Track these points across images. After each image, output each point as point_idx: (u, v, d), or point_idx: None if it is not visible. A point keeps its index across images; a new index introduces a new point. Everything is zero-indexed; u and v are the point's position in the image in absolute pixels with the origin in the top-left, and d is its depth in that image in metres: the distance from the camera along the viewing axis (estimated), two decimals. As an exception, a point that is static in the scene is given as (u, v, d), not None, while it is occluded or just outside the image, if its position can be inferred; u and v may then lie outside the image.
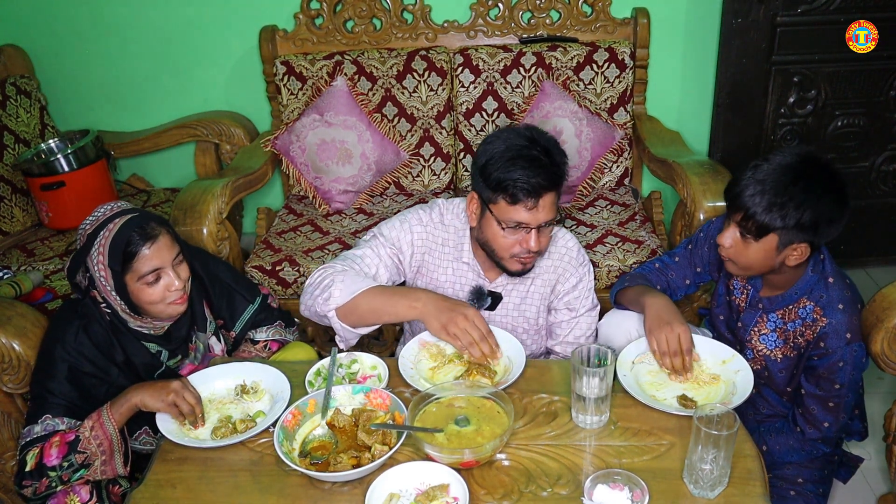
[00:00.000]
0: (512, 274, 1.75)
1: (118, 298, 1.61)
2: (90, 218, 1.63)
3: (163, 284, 1.61)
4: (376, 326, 1.72)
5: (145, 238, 1.58)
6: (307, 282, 1.76)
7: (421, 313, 1.61)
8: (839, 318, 1.58)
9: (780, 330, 1.69)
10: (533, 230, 1.63)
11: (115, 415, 1.54)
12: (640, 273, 1.88)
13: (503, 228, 1.64)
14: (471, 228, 1.79)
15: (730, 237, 1.58)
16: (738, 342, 1.78)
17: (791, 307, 1.65)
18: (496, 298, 1.83)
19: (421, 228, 1.83)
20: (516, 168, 1.57)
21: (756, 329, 1.72)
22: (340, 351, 1.67)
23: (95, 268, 1.59)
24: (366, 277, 1.73)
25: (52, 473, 1.50)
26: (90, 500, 1.54)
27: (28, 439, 1.55)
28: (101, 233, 1.58)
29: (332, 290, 1.67)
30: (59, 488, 1.52)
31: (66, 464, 1.50)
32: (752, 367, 1.72)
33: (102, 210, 1.63)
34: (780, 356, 1.70)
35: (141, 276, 1.59)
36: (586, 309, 1.86)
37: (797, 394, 1.70)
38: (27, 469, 1.51)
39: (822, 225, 1.50)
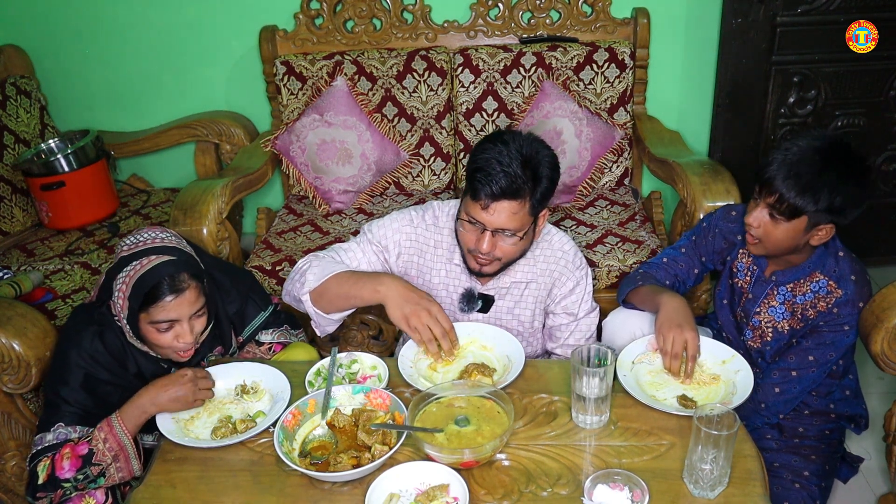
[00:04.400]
0: (471, 272, 1.77)
1: (128, 326, 1.59)
2: (132, 239, 1.60)
3: (173, 334, 1.59)
4: (348, 312, 1.75)
5: (172, 289, 1.54)
6: (293, 269, 1.81)
7: (383, 297, 1.62)
8: (853, 289, 1.66)
9: (788, 303, 1.74)
10: (487, 232, 1.64)
11: (129, 425, 1.52)
12: (647, 272, 1.89)
13: (460, 220, 1.68)
14: None
15: (758, 218, 1.64)
16: (744, 317, 1.83)
17: (803, 281, 1.72)
18: (487, 301, 1.82)
19: (411, 230, 1.83)
20: (487, 167, 1.59)
21: (766, 301, 1.78)
22: (340, 351, 1.67)
23: (116, 292, 1.57)
24: (340, 264, 1.76)
25: (67, 485, 1.49)
26: (106, 501, 1.54)
27: (39, 447, 1.53)
28: (134, 263, 1.55)
29: (307, 274, 1.73)
30: (72, 496, 1.52)
31: (80, 476, 1.49)
32: (754, 346, 1.80)
33: (146, 237, 1.60)
34: (787, 327, 1.76)
35: (154, 322, 1.56)
36: (585, 313, 1.86)
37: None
38: (40, 482, 1.50)
39: (849, 207, 1.58)
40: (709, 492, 1.32)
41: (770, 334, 1.79)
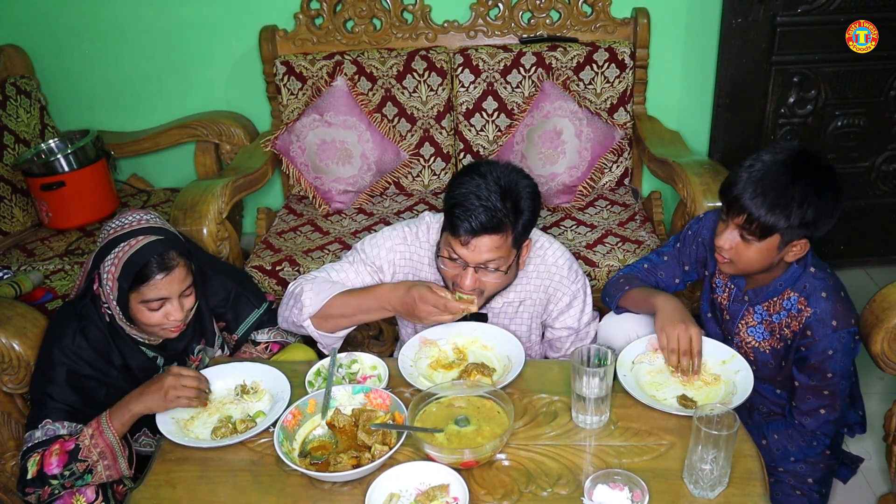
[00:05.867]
0: None
1: (118, 308, 1.60)
2: (117, 222, 1.62)
3: (163, 312, 1.60)
4: (352, 329, 1.75)
5: (162, 267, 1.56)
6: (285, 293, 1.79)
7: (393, 310, 1.65)
8: (823, 307, 1.59)
9: (766, 322, 1.69)
10: (469, 269, 1.60)
11: (115, 423, 1.53)
12: (631, 274, 1.86)
13: (443, 258, 1.64)
14: None
15: (729, 240, 1.57)
16: (727, 335, 1.79)
17: (776, 299, 1.66)
18: (480, 319, 1.79)
19: (405, 248, 1.80)
20: (465, 202, 1.55)
21: (743, 321, 1.73)
22: (340, 351, 1.67)
23: (105, 275, 1.58)
24: (335, 284, 1.74)
25: (54, 482, 1.50)
26: (96, 499, 1.55)
27: (29, 445, 1.54)
28: (122, 244, 1.57)
29: (302, 299, 1.71)
30: (62, 493, 1.52)
31: (67, 472, 1.50)
32: None
33: (131, 219, 1.61)
34: (768, 348, 1.71)
35: (145, 301, 1.57)
36: (585, 324, 1.84)
37: (791, 386, 1.71)
38: (29, 477, 1.51)
39: (822, 219, 1.51)
40: (709, 492, 1.32)
41: (751, 354, 1.73)
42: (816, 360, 1.61)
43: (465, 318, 1.78)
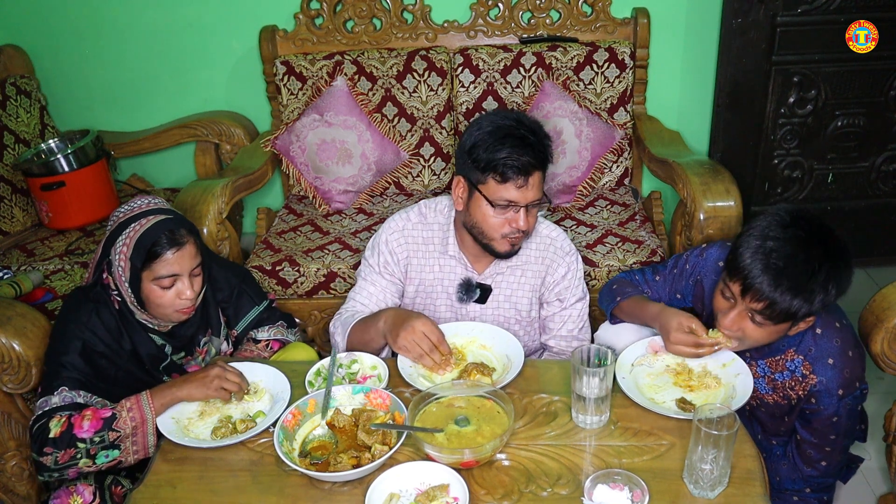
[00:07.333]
0: (500, 256, 1.76)
1: (129, 290, 1.62)
2: (125, 207, 1.65)
3: (175, 290, 1.63)
4: (386, 350, 1.79)
5: (172, 243, 1.60)
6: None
7: (384, 333, 1.68)
8: (829, 376, 1.54)
9: (768, 378, 1.65)
10: (522, 209, 1.66)
11: (155, 403, 1.54)
12: (625, 280, 1.85)
13: (493, 207, 1.67)
14: (456, 214, 1.81)
15: (738, 322, 1.52)
16: None
17: (778, 358, 1.62)
18: (485, 290, 1.84)
19: (399, 234, 1.86)
20: (505, 147, 1.61)
21: None
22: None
23: (117, 256, 1.61)
24: (353, 315, 1.81)
25: (81, 445, 1.50)
26: (93, 500, 1.55)
27: (46, 408, 1.55)
28: (132, 225, 1.60)
29: (336, 339, 1.82)
30: (81, 461, 1.50)
31: (97, 438, 1.50)
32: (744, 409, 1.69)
33: (139, 203, 1.65)
34: (772, 401, 1.67)
35: (157, 278, 1.60)
36: (576, 298, 1.87)
37: (794, 434, 1.69)
38: (51, 436, 1.50)
39: (838, 297, 1.46)
40: (709, 492, 1.32)
41: (756, 401, 1.69)
42: (820, 425, 1.60)
43: (472, 287, 1.83)
